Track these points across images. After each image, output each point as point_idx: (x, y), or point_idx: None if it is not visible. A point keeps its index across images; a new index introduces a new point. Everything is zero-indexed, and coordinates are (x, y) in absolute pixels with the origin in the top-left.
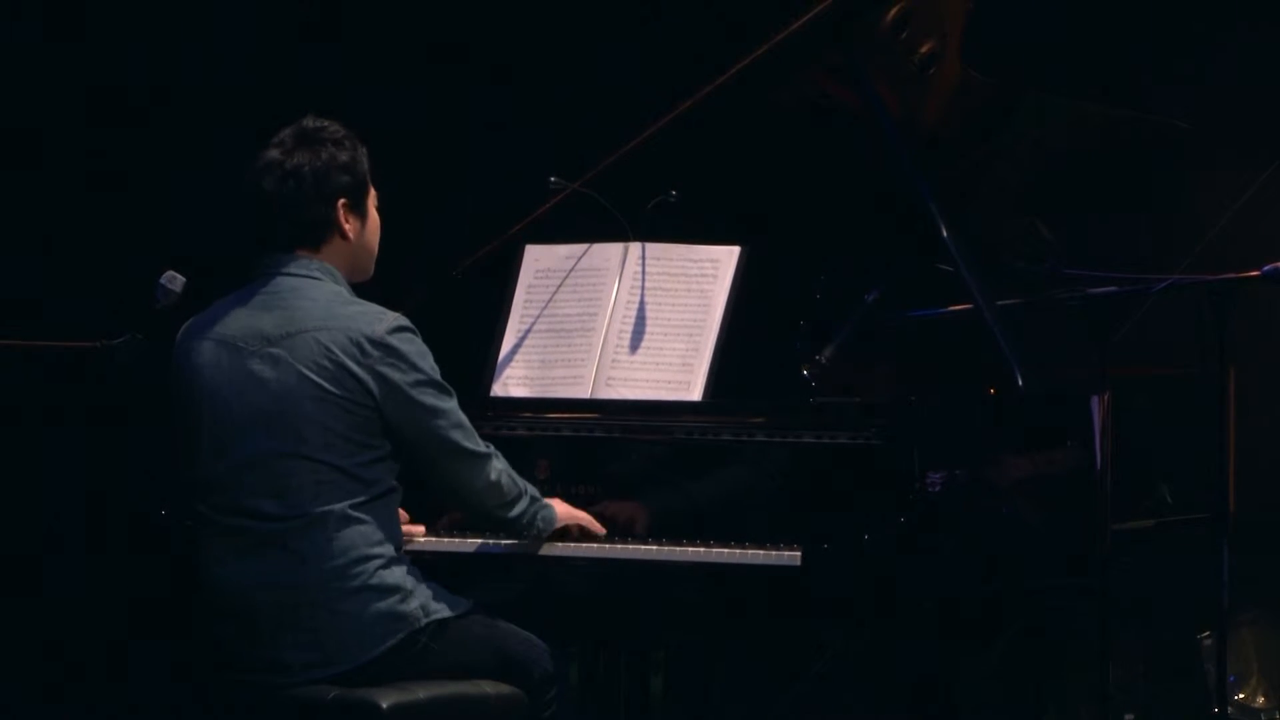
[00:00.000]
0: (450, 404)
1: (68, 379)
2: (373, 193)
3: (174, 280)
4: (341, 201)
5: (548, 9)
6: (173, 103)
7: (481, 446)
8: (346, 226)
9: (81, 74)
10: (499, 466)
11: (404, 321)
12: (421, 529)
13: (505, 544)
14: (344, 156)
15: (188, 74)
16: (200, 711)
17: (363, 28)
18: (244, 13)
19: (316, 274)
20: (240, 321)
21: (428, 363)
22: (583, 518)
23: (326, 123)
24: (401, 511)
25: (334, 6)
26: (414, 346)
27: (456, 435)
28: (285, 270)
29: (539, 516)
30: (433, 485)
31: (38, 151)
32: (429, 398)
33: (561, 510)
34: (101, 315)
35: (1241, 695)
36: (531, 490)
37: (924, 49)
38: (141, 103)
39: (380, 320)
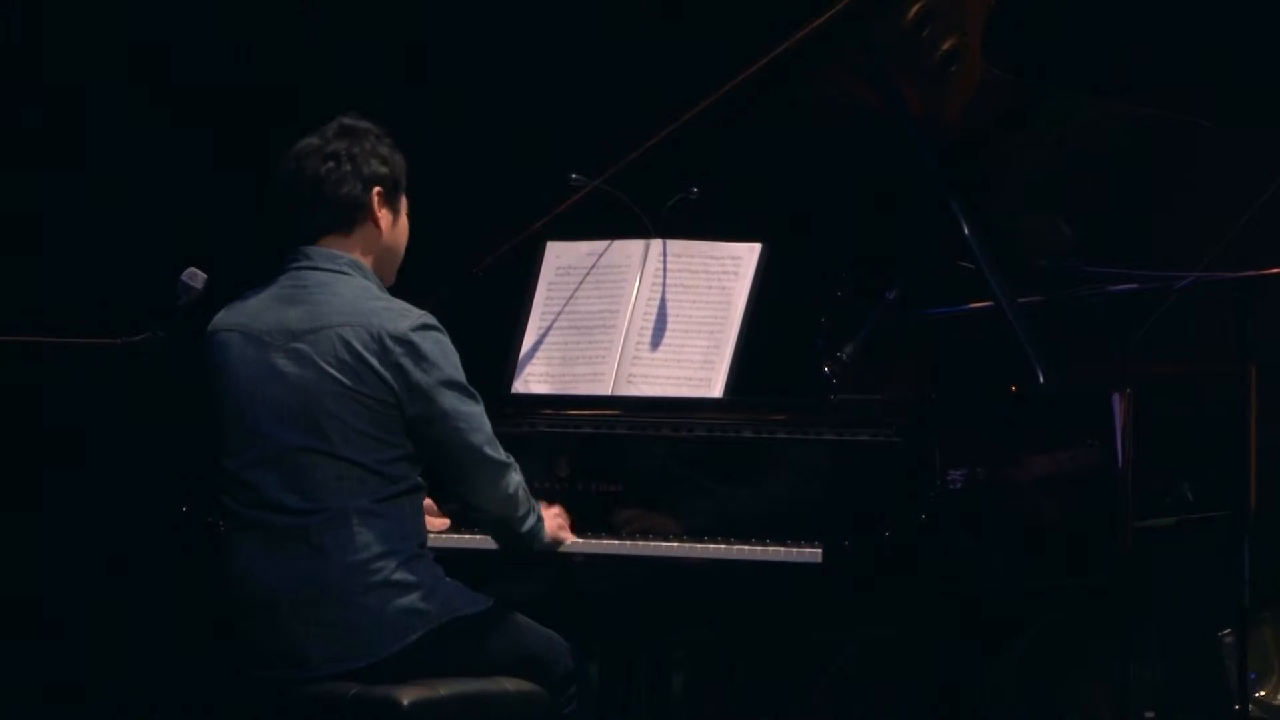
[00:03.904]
0: (474, 408)
1: (89, 376)
2: (405, 200)
3: (195, 277)
4: (377, 190)
5: (569, 4)
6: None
7: (503, 455)
8: (379, 215)
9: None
10: (517, 479)
11: (430, 320)
12: (446, 522)
13: None
14: (383, 150)
15: (209, 72)
16: (222, 705)
17: (372, 25)
18: (257, 13)
19: (345, 269)
20: (267, 315)
21: (452, 363)
22: (554, 527)
23: (368, 123)
24: (429, 502)
25: (347, 5)
26: (439, 346)
27: (478, 440)
28: (314, 264)
29: (539, 536)
30: (451, 490)
31: (51, 149)
32: (451, 400)
33: (550, 526)
34: (123, 312)
35: (1262, 693)
36: (537, 507)
37: (945, 46)
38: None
39: (405, 317)
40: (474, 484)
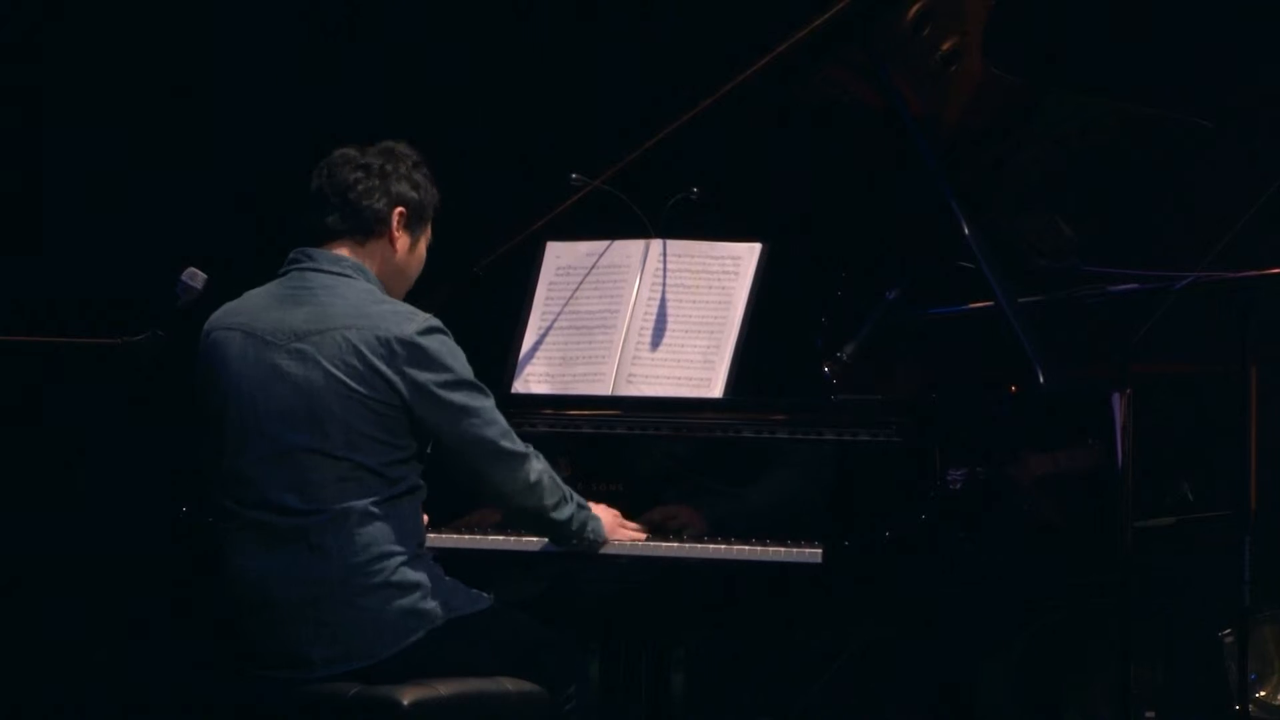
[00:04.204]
0: (485, 403)
1: (89, 376)
2: (429, 232)
3: (195, 277)
4: (399, 210)
5: (568, 5)
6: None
7: (520, 446)
8: (396, 235)
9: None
10: (539, 467)
11: (435, 322)
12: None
13: (526, 541)
14: (418, 177)
15: (212, 73)
16: (222, 705)
17: (374, 26)
18: (256, 17)
19: (349, 271)
20: (270, 315)
21: (459, 363)
22: (628, 532)
23: (410, 150)
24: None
25: (349, 6)
26: (445, 347)
27: (492, 434)
28: (319, 266)
29: (589, 527)
30: (476, 490)
31: (48, 147)
32: (461, 397)
33: (608, 521)
34: (123, 312)
35: (1262, 693)
36: (577, 497)
37: (945, 46)
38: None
39: (410, 320)
40: (493, 478)
